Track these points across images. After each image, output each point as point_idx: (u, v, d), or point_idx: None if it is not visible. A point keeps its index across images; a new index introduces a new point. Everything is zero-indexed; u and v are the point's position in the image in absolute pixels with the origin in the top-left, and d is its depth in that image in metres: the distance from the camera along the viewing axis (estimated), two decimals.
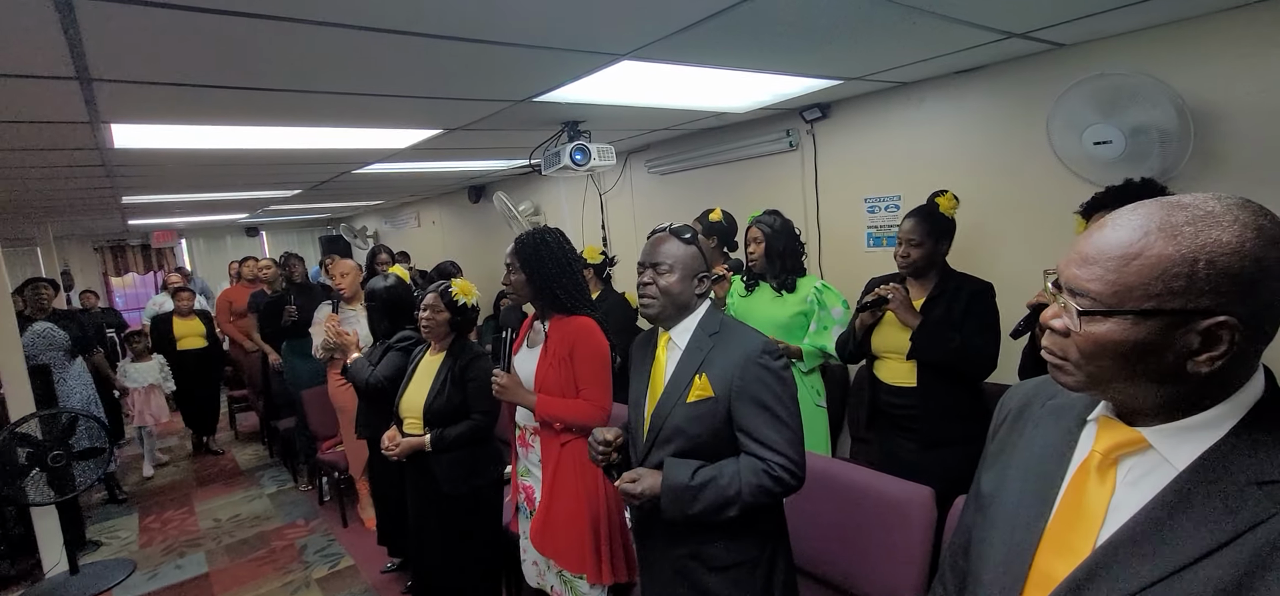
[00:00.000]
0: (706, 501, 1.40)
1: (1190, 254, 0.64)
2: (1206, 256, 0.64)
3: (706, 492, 1.40)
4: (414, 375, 2.43)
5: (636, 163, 4.75)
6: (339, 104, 2.41)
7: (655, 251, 1.54)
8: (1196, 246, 0.64)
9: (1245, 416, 0.68)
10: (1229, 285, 0.63)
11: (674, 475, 1.43)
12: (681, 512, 1.41)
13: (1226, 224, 0.64)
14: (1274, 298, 0.64)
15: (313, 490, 4.57)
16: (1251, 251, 0.63)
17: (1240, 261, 0.63)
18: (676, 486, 1.42)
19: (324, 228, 10.89)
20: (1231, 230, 0.64)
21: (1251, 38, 2.12)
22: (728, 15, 1.75)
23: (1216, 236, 0.64)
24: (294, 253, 4.84)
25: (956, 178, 2.86)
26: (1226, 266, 0.63)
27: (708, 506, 1.40)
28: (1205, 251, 0.64)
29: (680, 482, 1.42)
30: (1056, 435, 0.82)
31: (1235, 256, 0.63)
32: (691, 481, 1.41)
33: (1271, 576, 0.60)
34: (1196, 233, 0.64)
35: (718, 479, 1.41)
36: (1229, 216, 0.64)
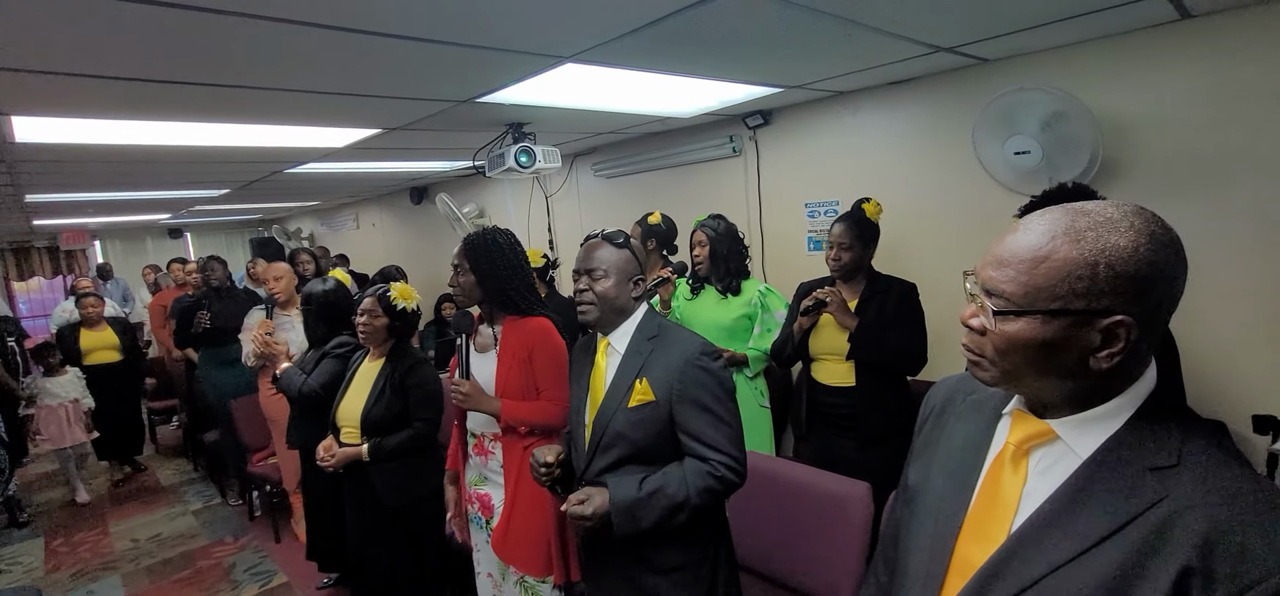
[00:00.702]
0: (658, 510, 1.40)
1: (1092, 257, 0.69)
2: (1105, 260, 0.68)
3: (656, 501, 1.40)
4: (351, 383, 2.35)
5: (583, 166, 4.73)
6: (269, 100, 2.30)
7: (589, 258, 1.55)
8: (1097, 250, 0.69)
9: (1140, 407, 0.73)
10: (1125, 286, 0.68)
11: (621, 491, 1.42)
12: (634, 527, 1.41)
13: (1123, 229, 0.69)
14: (1164, 298, 0.70)
15: (243, 505, 4.34)
16: (1145, 255, 0.68)
17: (1135, 264, 0.68)
18: (626, 501, 1.41)
19: (255, 229, 10.39)
20: (1127, 235, 0.69)
21: (1152, 58, 2.29)
22: (670, 22, 1.77)
23: (1114, 241, 0.68)
24: (215, 256, 4.59)
25: (890, 184, 2.99)
26: (1123, 269, 0.68)
27: (659, 516, 1.41)
28: (1104, 255, 0.68)
29: (629, 497, 1.41)
30: (975, 428, 0.87)
31: (1131, 260, 0.68)
32: (640, 493, 1.41)
33: (1164, 552, 0.65)
34: (1097, 237, 0.69)
35: (665, 487, 1.41)
36: (1125, 222, 0.69)
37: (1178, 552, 0.64)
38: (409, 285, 2.36)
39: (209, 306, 4.24)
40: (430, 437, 2.27)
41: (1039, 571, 0.71)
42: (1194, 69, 2.22)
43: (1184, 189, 2.27)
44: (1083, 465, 0.73)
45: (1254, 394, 2.20)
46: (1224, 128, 2.19)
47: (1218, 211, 2.22)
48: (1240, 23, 2.11)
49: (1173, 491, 0.67)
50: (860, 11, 1.87)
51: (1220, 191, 2.22)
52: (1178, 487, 0.67)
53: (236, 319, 4.25)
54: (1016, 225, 0.76)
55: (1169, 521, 0.66)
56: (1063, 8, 2.00)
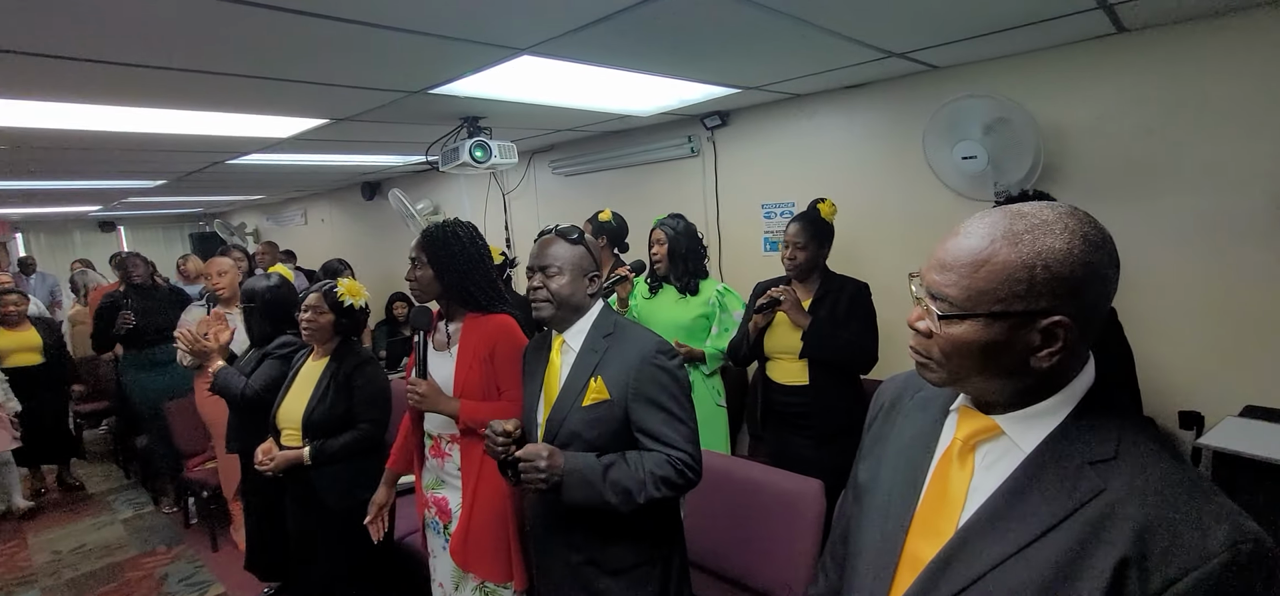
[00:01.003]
0: (611, 484, 1.37)
1: (1029, 260, 0.70)
2: (1042, 262, 0.70)
3: (611, 475, 1.37)
4: (293, 383, 2.24)
5: (541, 163, 4.67)
6: (207, 85, 2.19)
7: (543, 254, 1.52)
8: (1034, 253, 0.70)
9: (1079, 402, 0.75)
10: (1062, 287, 0.70)
11: (579, 459, 1.40)
12: (584, 493, 1.37)
13: (1058, 232, 0.71)
14: (1098, 297, 0.72)
15: (178, 512, 4.12)
16: (1079, 256, 0.70)
17: (1070, 266, 0.70)
18: (582, 468, 1.38)
19: (196, 224, 9.92)
20: (1063, 238, 0.70)
21: (1091, 69, 2.39)
22: (627, 16, 1.75)
23: (1050, 244, 0.70)
24: (135, 252, 4.35)
25: (844, 186, 3.04)
26: (1059, 270, 0.70)
27: (613, 490, 1.37)
28: (1041, 258, 0.70)
29: (584, 463, 1.38)
30: (924, 425, 0.88)
31: (1066, 262, 0.70)
32: (596, 464, 1.39)
33: (1103, 542, 0.67)
34: (1034, 240, 0.71)
35: (621, 463, 1.39)
36: (1060, 224, 0.71)
37: (1116, 543, 0.66)
38: (356, 281, 2.27)
39: (131, 305, 4.01)
40: (377, 439, 2.19)
41: (985, 565, 0.72)
42: (1129, 80, 2.33)
43: (1118, 195, 2.38)
44: (1026, 460, 0.75)
45: (1180, 391, 2.32)
46: (1155, 137, 2.30)
47: (1148, 217, 2.34)
48: (1172, 38, 2.22)
49: (1111, 483, 0.69)
50: (814, 13, 1.89)
51: (1151, 198, 2.33)
52: (1115, 480, 0.69)
53: (160, 318, 4.04)
54: (958, 229, 0.77)
55: (1107, 512, 0.68)
56: (1005, 18, 2.07)
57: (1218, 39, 2.14)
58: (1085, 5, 1.96)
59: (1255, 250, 2.15)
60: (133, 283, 4.16)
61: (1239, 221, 2.17)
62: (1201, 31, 2.17)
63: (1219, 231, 2.22)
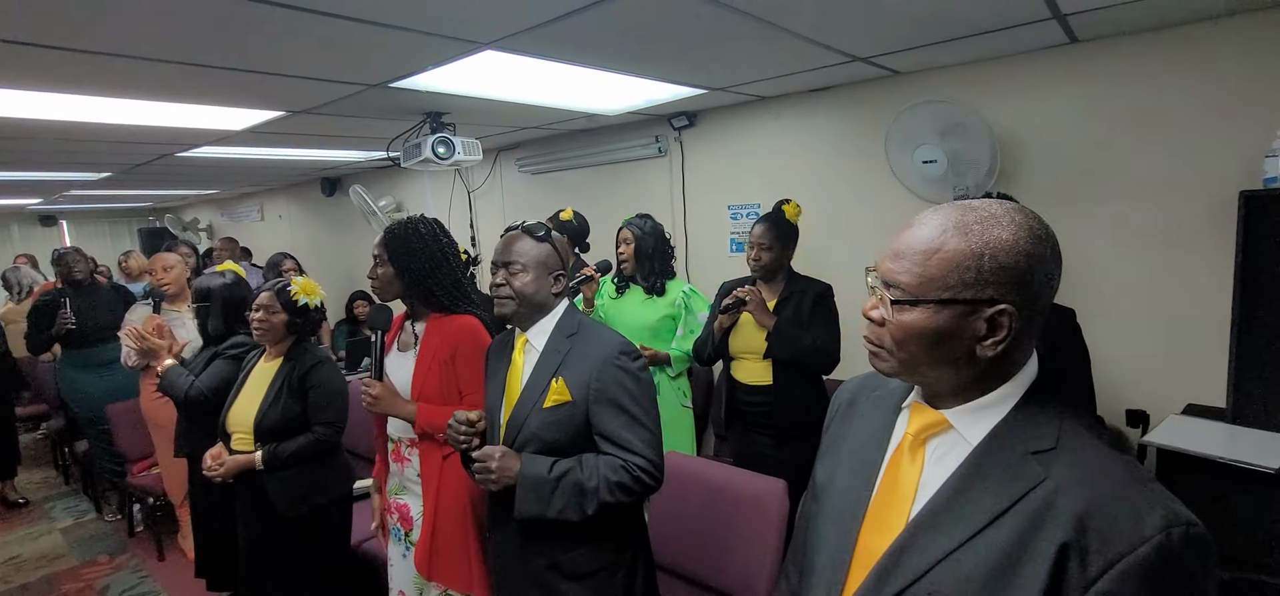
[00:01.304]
0: (565, 494, 1.35)
1: (978, 249, 0.74)
2: (990, 251, 0.73)
3: (565, 483, 1.35)
4: (244, 385, 2.16)
5: (507, 160, 4.62)
6: (155, 73, 2.09)
7: (508, 250, 1.49)
8: (982, 242, 0.74)
9: (1024, 394, 0.78)
10: (1007, 277, 0.73)
11: (532, 467, 1.38)
12: (539, 508, 1.36)
13: (1006, 224, 0.74)
14: (1041, 289, 0.75)
15: (121, 520, 3.94)
16: (1024, 247, 0.73)
17: (1016, 256, 0.73)
18: (534, 477, 1.36)
19: (145, 219, 9.52)
20: (1009, 230, 0.74)
21: (1045, 78, 2.47)
22: (591, 12, 1.73)
23: (998, 235, 0.73)
24: (76, 247, 4.15)
25: (809, 188, 3.07)
26: (1005, 260, 0.73)
27: (567, 500, 1.35)
28: (989, 247, 0.73)
29: (538, 474, 1.36)
30: (878, 422, 0.90)
31: (1012, 252, 0.73)
32: (550, 474, 1.37)
33: (1045, 529, 0.69)
34: (983, 231, 0.74)
35: (576, 470, 1.37)
36: (1007, 218, 0.75)
37: (1057, 529, 0.68)
38: (309, 277, 2.19)
39: (70, 303, 3.82)
40: (332, 443, 2.11)
41: (934, 557, 0.74)
42: (1081, 90, 2.41)
43: (1070, 200, 2.46)
44: (972, 452, 0.77)
45: (1127, 390, 2.40)
46: (1105, 145, 2.39)
47: (1098, 222, 2.42)
48: (1121, 49, 2.30)
49: (1052, 472, 0.72)
50: (779, 15, 1.90)
51: (1100, 203, 2.41)
52: (1056, 468, 0.72)
53: (102, 317, 3.87)
54: (913, 221, 0.80)
55: (1049, 500, 0.70)
56: (964, 26, 2.11)
57: (1163, 51, 2.23)
58: (1040, 16, 2.02)
59: (1197, 255, 2.24)
60: (73, 280, 3.96)
61: (1182, 227, 2.27)
62: (1149, 43, 2.25)
63: (1164, 236, 2.31)
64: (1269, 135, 1.98)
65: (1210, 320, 2.20)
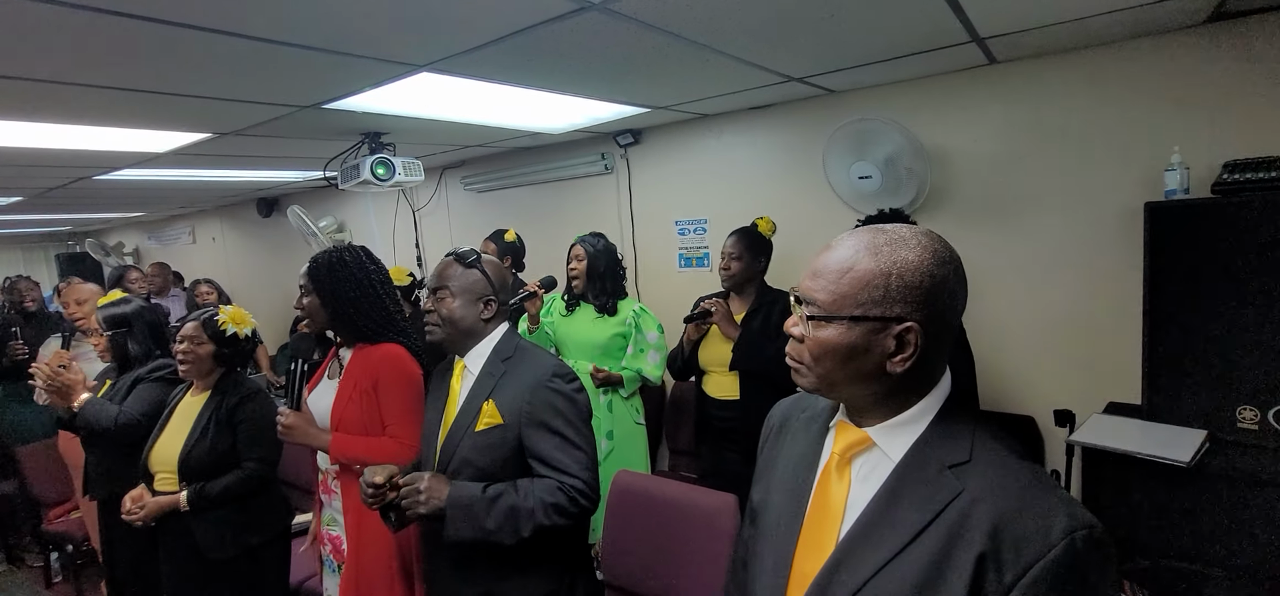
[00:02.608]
0: (499, 514, 1.33)
1: (886, 268, 0.78)
2: (897, 271, 0.77)
3: (499, 506, 1.33)
4: (169, 421, 2.04)
5: (452, 179, 4.54)
6: (67, 97, 1.97)
7: (438, 275, 1.50)
8: (891, 263, 0.78)
9: (939, 410, 0.81)
10: (912, 296, 0.77)
11: (462, 489, 1.36)
12: (470, 530, 1.33)
13: (912, 246, 0.78)
14: (945, 308, 0.79)
15: (39, 569, 3.67)
16: (928, 268, 0.77)
17: (920, 276, 0.77)
18: (465, 498, 1.34)
19: (64, 243, 8.95)
20: (915, 251, 0.78)
21: (967, 97, 2.59)
22: (527, 35, 1.73)
23: (904, 256, 0.78)
24: (26, 275, 3.89)
25: (753, 203, 3.13)
26: (910, 280, 0.77)
27: (500, 522, 1.32)
28: (896, 267, 0.77)
29: (469, 496, 1.34)
30: (807, 443, 0.92)
31: (917, 272, 0.77)
32: (481, 494, 1.34)
33: (964, 541, 0.72)
34: (892, 252, 0.78)
35: (510, 492, 1.35)
36: (914, 240, 0.79)
37: (974, 540, 0.71)
38: (235, 304, 2.09)
39: (20, 333, 3.57)
40: (265, 477, 2.02)
41: (864, 575, 0.76)
42: (1000, 108, 2.54)
43: (993, 213, 2.58)
44: (895, 469, 0.80)
45: (1053, 392, 2.53)
46: (1023, 160, 2.52)
47: (1020, 234, 2.55)
48: (1037, 70, 2.44)
49: (968, 484, 0.75)
50: (715, 39, 1.94)
51: (1021, 216, 2.54)
52: (971, 480, 0.75)
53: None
54: (831, 243, 0.84)
55: (966, 512, 0.73)
56: (891, 47, 2.20)
57: (1073, 73, 2.38)
58: (961, 39, 2.12)
59: (1109, 261, 2.39)
60: (23, 309, 3.69)
61: (1096, 237, 2.41)
62: (1060, 65, 2.39)
63: (1078, 245, 2.45)
64: (1168, 150, 2.13)
65: (1125, 323, 2.34)
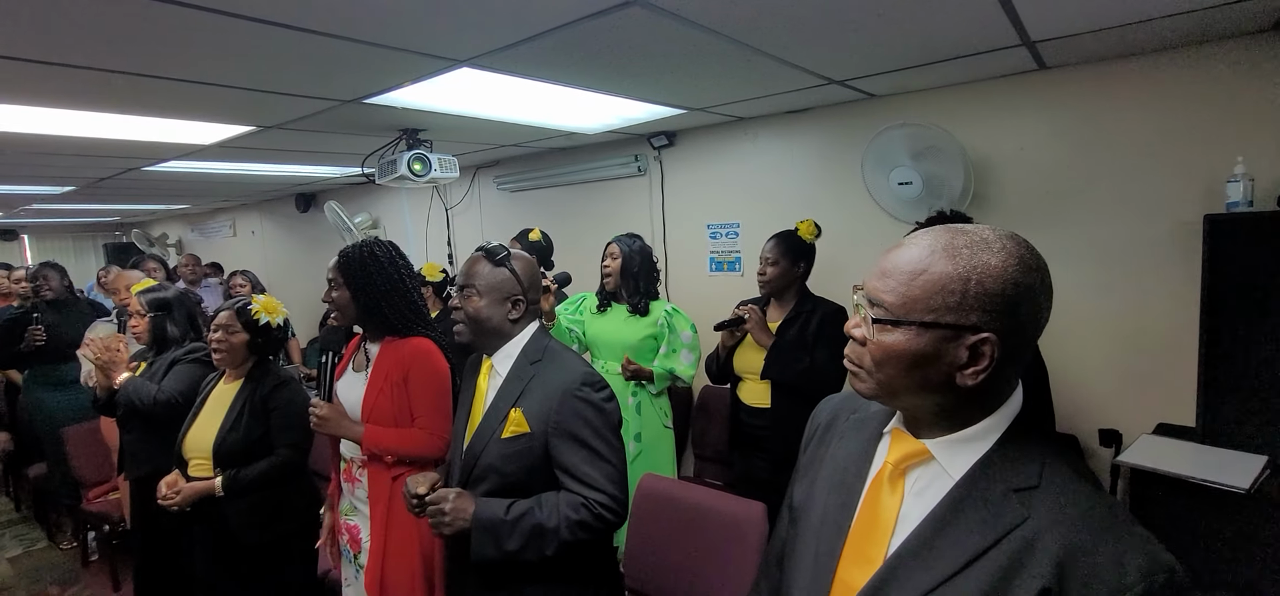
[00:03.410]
0: (522, 534, 1.30)
1: (964, 273, 0.71)
2: (976, 276, 0.71)
3: (523, 525, 1.30)
4: (202, 408, 2.07)
5: (485, 178, 4.58)
6: (119, 86, 2.03)
7: (466, 272, 1.46)
8: (970, 267, 0.71)
9: (1007, 429, 0.75)
10: (993, 304, 0.70)
11: (486, 509, 1.32)
12: (495, 549, 1.30)
13: (995, 250, 0.72)
14: (1027, 320, 0.72)
15: (75, 548, 3.77)
16: (1013, 275, 0.70)
17: (1003, 283, 0.70)
18: (489, 519, 1.31)
19: (111, 234, 9.27)
20: (999, 256, 0.71)
21: (1015, 103, 2.52)
22: (569, 30, 1.72)
23: (986, 260, 0.71)
24: (50, 262, 4.03)
25: (787, 209, 3.09)
26: (992, 287, 0.70)
27: (524, 541, 1.29)
28: (976, 272, 0.71)
29: (493, 516, 1.31)
30: (857, 447, 0.87)
31: (999, 279, 0.70)
32: (505, 516, 1.31)
33: (1026, 572, 0.67)
34: (971, 255, 0.72)
35: (535, 510, 1.32)
36: (998, 244, 0.72)
37: (1038, 573, 0.66)
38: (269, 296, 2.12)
39: (42, 319, 3.69)
40: (297, 465, 2.04)
41: (913, 594, 0.72)
42: (1048, 115, 2.46)
43: (1038, 222, 2.50)
44: (954, 487, 0.75)
45: (1099, 410, 2.43)
46: (1073, 169, 2.43)
47: (1067, 244, 2.46)
48: (1090, 76, 2.36)
49: (1034, 511, 0.70)
50: (758, 38, 1.91)
51: (1068, 226, 2.45)
52: (1038, 508, 0.70)
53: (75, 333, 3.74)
54: (902, 241, 0.78)
55: (1031, 541, 0.68)
56: (937, 51, 2.14)
57: (1129, 79, 2.29)
58: (1010, 42, 2.06)
59: (1163, 275, 2.29)
60: (44, 297, 3.83)
61: (1149, 250, 2.31)
62: (1113, 71, 2.31)
63: (1132, 259, 2.35)
64: (1231, 160, 2.04)
65: (1179, 340, 2.24)
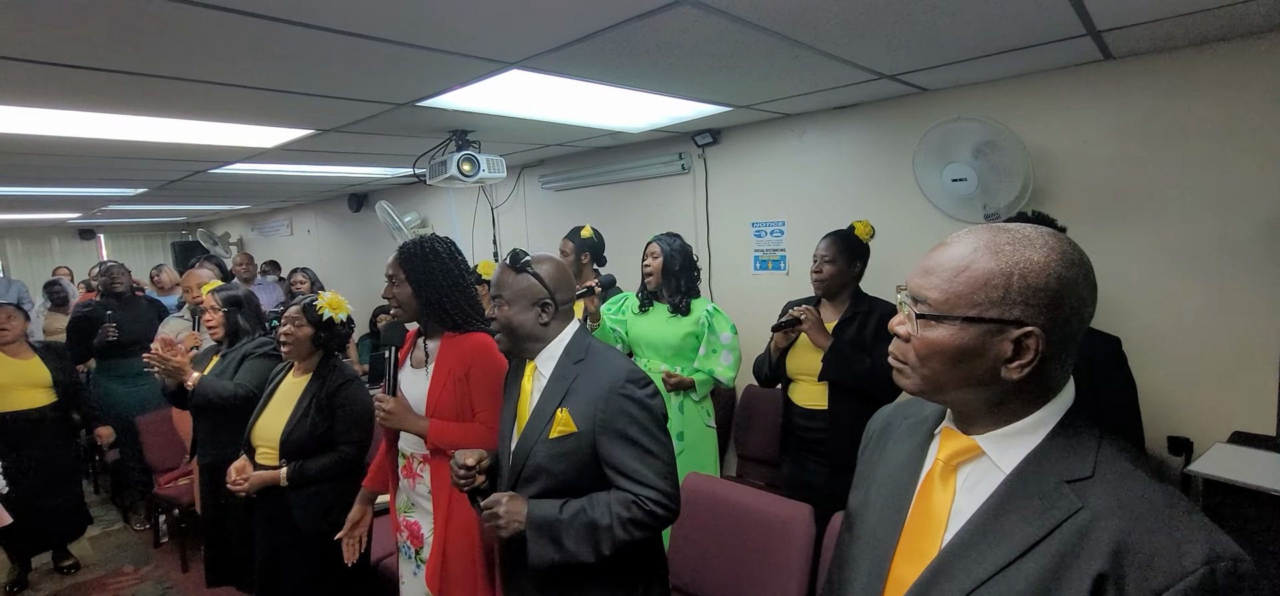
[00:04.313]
0: (577, 533, 1.31)
1: (1007, 268, 0.73)
2: (1020, 272, 0.72)
3: (577, 524, 1.31)
4: (272, 399, 2.17)
5: (530, 178, 4.65)
6: (191, 93, 2.14)
7: (495, 282, 1.49)
8: (1012, 262, 0.73)
9: (1060, 421, 0.76)
10: (1036, 298, 0.72)
11: (540, 510, 1.34)
12: (549, 554, 1.32)
13: (1038, 246, 0.73)
14: (1071, 315, 0.73)
15: (148, 530, 4.00)
16: (1056, 270, 0.72)
17: (1046, 278, 0.72)
18: (544, 519, 1.32)
19: (178, 233, 9.77)
20: (1042, 252, 0.73)
21: (1078, 95, 2.41)
22: (619, 31, 1.74)
23: (1029, 256, 0.73)
24: (117, 261, 4.28)
25: (834, 207, 3.04)
26: (1035, 282, 0.72)
27: (579, 539, 1.31)
28: (1019, 267, 0.73)
29: (548, 516, 1.32)
30: (910, 449, 0.88)
31: (1042, 274, 0.72)
32: (560, 515, 1.32)
33: (1081, 560, 0.67)
34: (1014, 251, 0.73)
35: (588, 509, 1.33)
36: (1041, 240, 0.74)
37: (1093, 559, 0.66)
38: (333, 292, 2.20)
39: (113, 315, 3.93)
40: (357, 462, 2.12)
41: (965, 587, 0.73)
42: (1115, 107, 2.35)
43: (1104, 219, 2.39)
44: (1006, 479, 0.75)
45: (1168, 417, 2.31)
46: (1143, 164, 2.32)
47: (1135, 242, 2.34)
48: (1157, 65, 2.24)
49: (1088, 501, 0.70)
50: (807, 34, 1.89)
51: (1137, 223, 2.34)
52: (1092, 497, 0.70)
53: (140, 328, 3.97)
54: (946, 240, 0.80)
55: (1085, 530, 0.68)
56: (996, 42, 2.07)
57: (1202, 67, 2.17)
58: (1074, 32, 1.98)
59: (1243, 276, 2.16)
60: (116, 293, 4.07)
61: (1226, 247, 2.19)
62: (1186, 59, 2.19)
63: (1207, 257, 2.23)
64: None
65: (1257, 344, 2.12)
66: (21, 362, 3.31)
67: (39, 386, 3.35)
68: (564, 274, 1.52)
